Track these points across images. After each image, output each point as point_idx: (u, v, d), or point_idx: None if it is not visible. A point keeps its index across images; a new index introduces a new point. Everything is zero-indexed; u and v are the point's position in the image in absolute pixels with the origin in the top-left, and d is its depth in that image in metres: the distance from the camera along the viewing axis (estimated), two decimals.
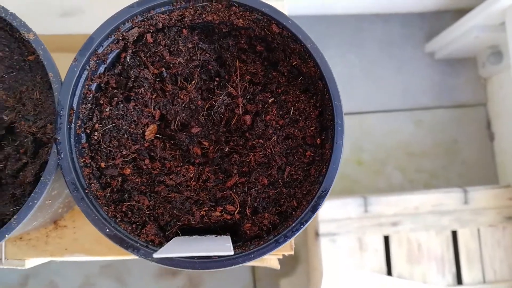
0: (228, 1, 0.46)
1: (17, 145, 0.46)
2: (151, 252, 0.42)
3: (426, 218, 1.50)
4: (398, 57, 1.75)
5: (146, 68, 0.48)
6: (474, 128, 1.73)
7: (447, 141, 1.73)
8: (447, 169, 1.71)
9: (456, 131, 1.73)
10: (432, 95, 1.75)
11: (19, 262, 0.60)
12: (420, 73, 1.75)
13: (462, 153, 1.71)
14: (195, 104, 0.49)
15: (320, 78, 0.46)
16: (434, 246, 1.50)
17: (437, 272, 1.50)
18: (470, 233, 1.51)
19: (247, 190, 0.46)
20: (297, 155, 0.47)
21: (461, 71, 1.76)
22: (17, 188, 0.45)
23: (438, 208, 1.51)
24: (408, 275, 1.49)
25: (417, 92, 1.73)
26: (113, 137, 0.47)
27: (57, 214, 0.59)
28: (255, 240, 0.45)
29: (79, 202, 0.42)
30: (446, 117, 1.74)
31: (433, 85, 1.75)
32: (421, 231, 1.50)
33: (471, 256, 1.50)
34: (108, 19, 0.45)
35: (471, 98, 1.75)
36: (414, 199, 1.50)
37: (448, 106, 1.75)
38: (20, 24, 0.45)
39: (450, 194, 1.52)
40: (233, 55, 0.50)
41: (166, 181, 0.47)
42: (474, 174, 1.70)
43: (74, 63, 0.44)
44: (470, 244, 1.51)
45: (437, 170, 1.71)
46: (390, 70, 1.71)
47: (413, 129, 1.72)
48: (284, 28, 0.47)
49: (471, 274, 1.50)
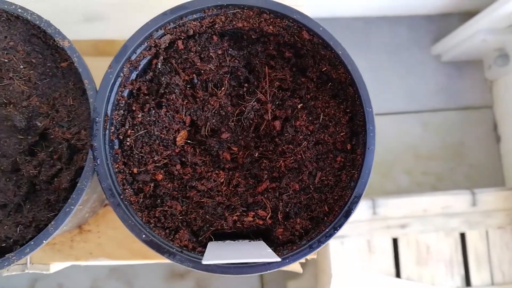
0: (260, 8, 0.47)
1: (51, 151, 0.46)
2: (186, 257, 0.42)
3: (435, 220, 1.51)
4: (405, 60, 1.75)
5: (177, 74, 0.48)
6: (481, 130, 1.74)
7: (454, 143, 1.73)
8: (454, 171, 1.72)
9: (463, 133, 1.74)
10: (438, 97, 1.75)
11: (44, 266, 0.61)
12: (427, 76, 1.75)
13: (469, 155, 1.72)
14: (225, 110, 0.50)
15: (350, 84, 0.47)
16: (442, 248, 1.51)
17: (446, 274, 1.50)
18: (479, 235, 1.52)
19: (278, 195, 0.47)
20: (328, 161, 0.48)
21: (468, 74, 1.77)
22: (52, 194, 0.46)
23: (446, 210, 1.51)
24: (417, 277, 1.50)
25: (424, 95, 1.74)
26: (145, 143, 0.47)
27: (83, 219, 0.59)
28: (287, 245, 0.45)
29: (115, 208, 0.42)
30: (453, 119, 1.75)
31: (439, 87, 1.76)
32: (430, 233, 1.50)
33: (480, 258, 1.51)
34: (142, 26, 0.45)
35: (478, 101, 1.76)
36: (423, 201, 1.51)
37: (455, 109, 1.76)
38: (54, 32, 0.45)
39: (458, 196, 1.52)
40: (262, 61, 0.51)
41: (198, 186, 0.47)
42: (481, 176, 1.71)
43: (109, 70, 0.44)
44: (478, 246, 1.51)
45: (444, 173, 1.71)
46: (397, 72, 1.72)
47: (420, 131, 1.73)
48: (314, 35, 0.47)
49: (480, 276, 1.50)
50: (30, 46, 0.47)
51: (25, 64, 0.47)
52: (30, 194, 0.46)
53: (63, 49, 0.45)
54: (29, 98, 0.46)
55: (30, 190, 0.46)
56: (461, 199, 1.51)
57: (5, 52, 0.46)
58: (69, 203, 0.42)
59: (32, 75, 0.46)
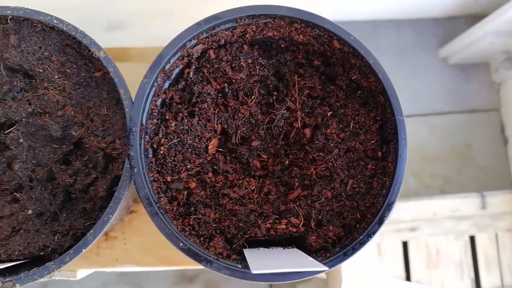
0: (291, 18, 0.47)
1: (85, 160, 0.47)
2: (223, 265, 0.43)
3: (444, 223, 1.51)
4: (412, 62, 1.76)
5: (209, 83, 0.49)
6: (488, 133, 1.74)
7: (461, 146, 1.74)
8: (462, 174, 1.72)
9: (470, 136, 1.75)
10: (446, 100, 1.76)
11: (71, 273, 0.61)
12: (434, 79, 1.76)
13: (477, 158, 1.73)
14: (255, 118, 0.50)
15: (381, 93, 0.47)
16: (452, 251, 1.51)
17: (456, 277, 1.51)
18: (488, 238, 1.52)
19: (310, 203, 0.47)
20: (359, 168, 0.48)
21: (475, 76, 1.78)
22: (87, 203, 0.46)
23: (456, 213, 1.52)
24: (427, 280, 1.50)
25: (431, 97, 1.75)
26: (178, 152, 0.48)
27: (110, 226, 0.59)
28: (321, 252, 0.46)
29: (153, 217, 0.43)
30: (460, 122, 1.76)
31: (446, 90, 1.76)
32: (440, 236, 1.51)
33: (489, 260, 1.51)
34: (177, 36, 0.46)
35: (485, 103, 1.77)
36: (432, 204, 1.51)
37: (462, 111, 1.76)
38: (90, 42, 0.46)
39: (467, 199, 1.53)
40: (291, 70, 0.51)
41: (230, 193, 0.48)
42: (488, 179, 1.71)
43: (145, 80, 0.45)
44: (488, 248, 1.52)
45: (451, 175, 1.72)
46: (404, 75, 1.73)
47: (427, 134, 1.73)
48: (345, 43, 0.48)
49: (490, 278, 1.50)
50: (64, 56, 0.47)
51: (60, 74, 0.47)
52: (65, 202, 0.47)
53: (98, 59, 0.46)
54: (64, 108, 0.47)
55: (66, 199, 0.47)
56: (471, 202, 1.52)
57: (40, 62, 0.47)
58: (107, 211, 0.43)
59: (66, 85, 0.47)
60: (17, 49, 0.47)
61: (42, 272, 0.41)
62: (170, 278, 1.64)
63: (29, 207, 0.45)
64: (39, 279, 0.42)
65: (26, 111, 0.47)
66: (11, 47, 0.46)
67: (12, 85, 0.47)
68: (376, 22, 1.77)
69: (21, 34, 0.47)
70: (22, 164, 0.46)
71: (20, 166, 0.46)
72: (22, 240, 0.44)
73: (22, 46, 0.47)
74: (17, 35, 0.47)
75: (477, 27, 1.55)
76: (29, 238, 0.44)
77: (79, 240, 0.44)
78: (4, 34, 0.47)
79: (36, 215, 0.46)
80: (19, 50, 0.47)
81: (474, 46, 1.61)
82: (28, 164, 0.46)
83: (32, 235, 0.44)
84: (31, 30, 0.47)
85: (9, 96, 0.47)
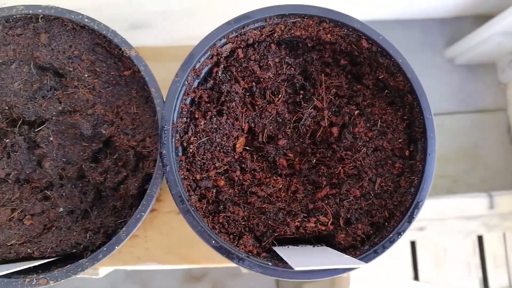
0: (320, 18, 0.48)
1: (115, 158, 0.47)
2: (255, 263, 0.43)
3: (452, 223, 1.51)
4: (418, 62, 1.76)
5: (237, 82, 0.49)
6: (495, 133, 1.75)
7: (468, 146, 1.74)
8: (469, 174, 1.72)
9: (477, 136, 1.75)
10: (452, 100, 1.76)
11: (93, 271, 0.61)
12: (440, 79, 1.77)
13: (484, 158, 1.73)
14: (282, 117, 0.50)
15: (409, 92, 0.48)
16: (460, 251, 1.51)
17: (464, 277, 1.51)
18: (496, 238, 1.52)
19: (339, 201, 0.47)
20: (387, 167, 0.48)
21: (481, 77, 1.78)
22: (117, 201, 0.46)
23: (464, 213, 1.52)
24: (435, 279, 1.50)
25: (437, 98, 1.75)
26: (206, 150, 0.48)
27: None
28: (349, 250, 0.46)
29: (185, 215, 0.43)
30: (467, 122, 1.76)
31: (453, 90, 1.77)
32: (448, 235, 1.51)
33: (498, 260, 1.51)
34: (208, 35, 0.46)
35: (492, 103, 1.77)
36: (440, 204, 1.52)
37: (469, 111, 1.77)
38: (121, 41, 0.46)
39: (475, 199, 1.53)
40: (317, 69, 0.51)
41: (258, 192, 0.48)
42: (496, 179, 1.72)
43: (176, 79, 0.45)
44: (496, 248, 1.52)
45: (459, 175, 1.72)
46: None
47: None
48: (374, 43, 0.48)
49: (498, 278, 1.51)
50: (94, 55, 0.48)
51: (90, 72, 0.47)
52: (96, 200, 0.47)
53: (129, 58, 0.46)
54: (93, 106, 0.47)
55: (96, 197, 0.47)
56: (479, 201, 1.52)
57: (70, 61, 0.47)
58: (140, 209, 0.43)
59: (96, 84, 0.47)
60: (48, 48, 0.47)
61: (76, 269, 0.42)
62: (177, 277, 1.64)
63: (60, 204, 0.46)
64: (72, 276, 0.42)
65: (56, 110, 0.47)
66: (42, 45, 0.47)
67: (42, 83, 0.47)
68: (383, 22, 1.77)
69: (52, 33, 0.47)
70: (52, 162, 0.46)
71: (50, 164, 0.46)
72: (55, 237, 0.44)
73: (52, 45, 0.47)
74: (48, 33, 0.47)
75: (485, 27, 1.55)
76: (61, 236, 0.44)
77: (110, 238, 0.44)
78: (35, 32, 0.47)
79: (67, 212, 0.46)
80: (49, 49, 0.47)
81: (481, 46, 1.62)
82: (58, 162, 0.47)
83: (64, 233, 0.45)
84: (61, 29, 0.47)
85: (39, 94, 0.47)
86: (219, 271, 1.65)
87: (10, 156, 0.46)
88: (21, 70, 0.47)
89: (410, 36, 1.78)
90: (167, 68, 0.52)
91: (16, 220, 0.45)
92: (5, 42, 0.46)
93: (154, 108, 0.46)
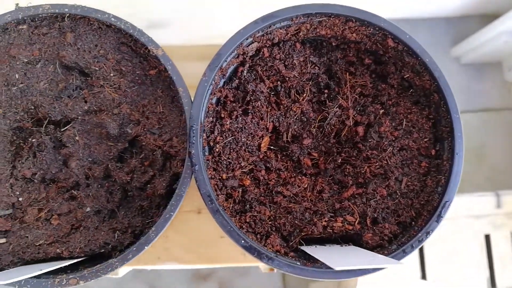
0: (346, 17, 0.47)
1: (142, 158, 0.47)
2: (285, 262, 0.43)
3: (460, 222, 1.51)
4: None
5: (262, 82, 0.49)
6: (502, 132, 1.75)
7: (474, 145, 1.74)
8: (475, 173, 1.72)
9: (483, 135, 1.75)
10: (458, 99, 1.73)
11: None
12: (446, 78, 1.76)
13: (490, 157, 1.73)
14: (307, 116, 0.50)
15: (436, 91, 0.47)
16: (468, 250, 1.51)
17: (471, 276, 1.51)
18: (504, 237, 1.52)
19: (365, 201, 0.47)
20: (413, 166, 0.48)
21: (487, 76, 1.78)
22: (144, 200, 0.46)
23: (471, 212, 1.52)
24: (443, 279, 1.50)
25: None
26: (232, 149, 0.48)
27: None
28: (377, 249, 0.46)
29: (214, 214, 0.43)
30: (473, 121, 1.76)
31: (459, 89, 1.77)
32: (455, 234, 1.51)
33: (505, 259, 1.51)
34: (235, 35, 0.46)
35: (498, 102, 1.77)
36: None
37: (475, 111, 1.77)
38: (148, 40, 0.46)
39: (482, 198, 1.53)
40: (342, 68, 0.51)
41: (283, 191, 0.48)
42: (502, 178, 1.72)
43: (204, 78, 0.45)
44: (503, 247, 1.52)
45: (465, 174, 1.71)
46: None
47: None
48: (400, 42, 0.48)
49: (505, 277, 1.51)
50: (120, 54, 0.47)
51: (115, 72, 0.47)
52: (122, 200, 0.47)
53: (156, 57, 0.46)
54: (119, 106, 0.47)
55: (123, 197, 0.47)
56: (486, 200, 1.52)
57: (95, 61, 0.47)
58: (169, 209, 0.43)
59: (122, 83, 0.47)
60: (73, 47, 0.47)
61: (106, 269, 0.42)
62: (184, 277, 1.64)
63: (86, 204, 0.45)
64: (102, 276, 0.42)
65: (82, 109, 0.47)
66: (68, 45, 0.46)
67: (68, 83, 0.47)
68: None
69: (78, 32, 0.47)
70: (78, 161, 0.46)
71: (76, 164, 0.46)
72: (83, 237, 0.44)
73: (78, 44, 0.47)
74: (74, 33, 0.47)
75: (491, 26, 1.55)
76: (89, 236, 0.44)
77: (138, 238, 0.44)
78: (60, 32, 0.47)
79: (94, 212, 0.46)
80: (75, 48, 0.47)
81: (487, 45, 1.62)
82: (84, 162, 0.46)
83: (92, 233, 0.44)
84: (87, 28, 0.47)
85: (65, 94, 0.47)
86: (226, 270, 1.65)
87: (36, 156, 0.46)
88: (46, 70, 0.47)
89: (416, 35, 1.78)
90: (183, 67, 0.52)
91: (44, 220, 0.44)
92: (30, 41, 0.46)
93: (181, 107, 0.46)
